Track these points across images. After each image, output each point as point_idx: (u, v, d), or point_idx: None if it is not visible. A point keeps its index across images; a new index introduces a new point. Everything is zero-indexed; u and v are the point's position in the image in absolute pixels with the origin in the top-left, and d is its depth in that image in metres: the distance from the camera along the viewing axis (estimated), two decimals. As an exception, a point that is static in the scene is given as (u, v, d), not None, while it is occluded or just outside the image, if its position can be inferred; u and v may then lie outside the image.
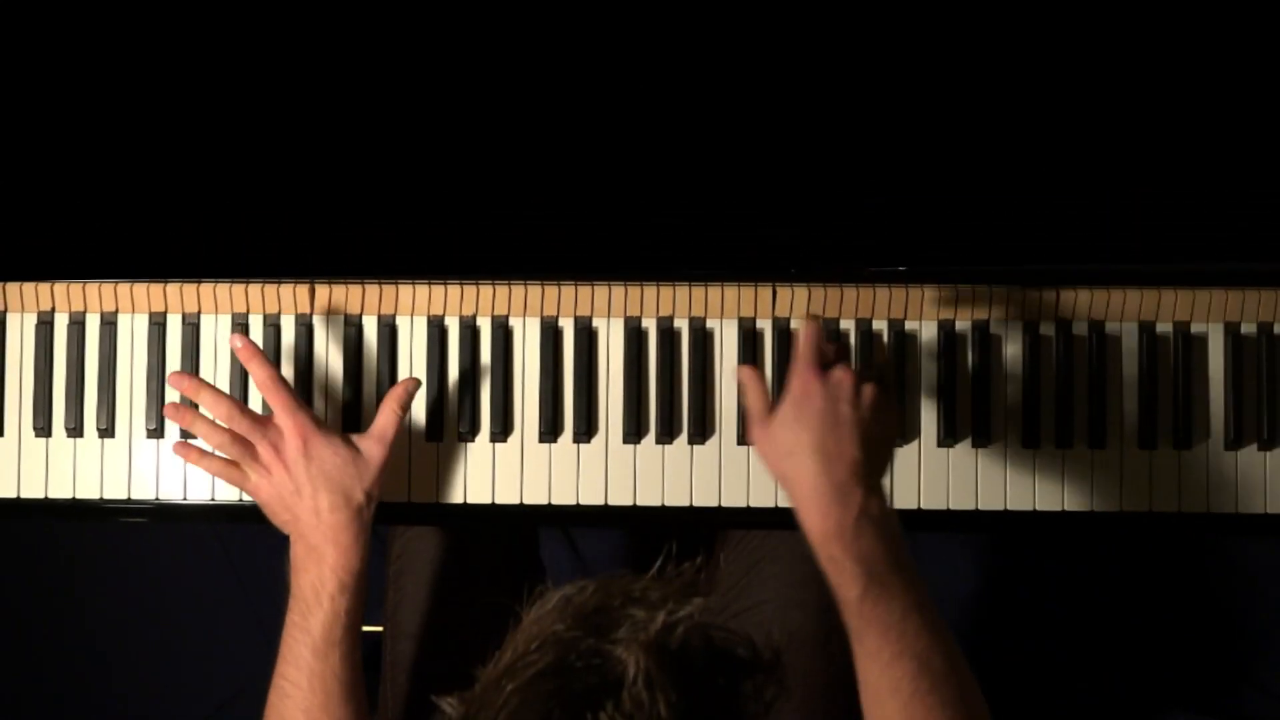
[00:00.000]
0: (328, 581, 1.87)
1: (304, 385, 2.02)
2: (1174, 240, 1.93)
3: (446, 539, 2.17)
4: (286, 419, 1.90)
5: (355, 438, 1.92)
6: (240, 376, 2.02)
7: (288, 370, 2.02)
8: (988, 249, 1.95)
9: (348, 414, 2.02)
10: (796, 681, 1.90)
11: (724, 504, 2.00)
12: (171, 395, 2.01)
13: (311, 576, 1.87)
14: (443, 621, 2.13)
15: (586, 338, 2.02)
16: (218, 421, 1.93)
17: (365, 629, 1.93)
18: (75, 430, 2.03)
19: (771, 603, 2.08)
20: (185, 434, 2.00)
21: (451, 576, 2.15)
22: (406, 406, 1.95)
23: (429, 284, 2.02)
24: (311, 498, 1.88)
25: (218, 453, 1.94)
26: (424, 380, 2.02)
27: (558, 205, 1.96)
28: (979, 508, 2.01)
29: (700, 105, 1.97)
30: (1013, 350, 2.03)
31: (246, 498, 2.00)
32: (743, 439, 2.01)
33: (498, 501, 2.02)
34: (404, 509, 2.02)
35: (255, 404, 2.02)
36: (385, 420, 1.93)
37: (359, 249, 1.98)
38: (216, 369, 2.03)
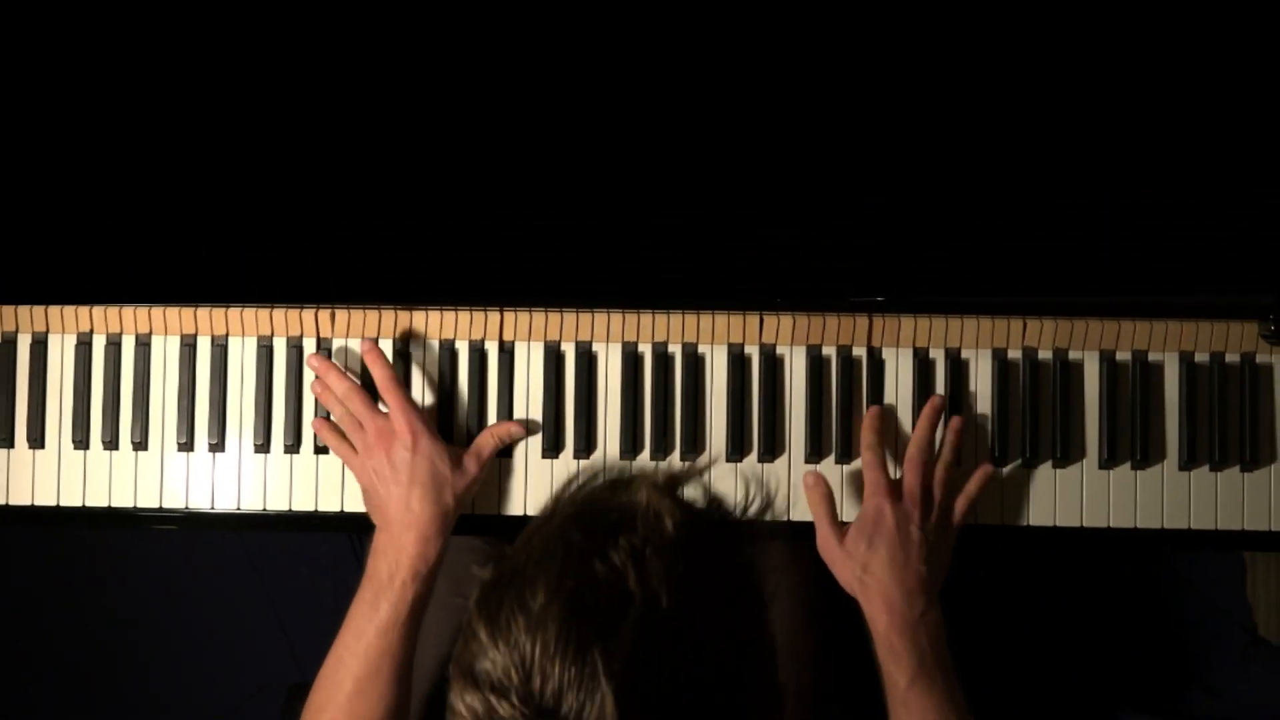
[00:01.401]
0: (404, 568, 1.97)
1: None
2: (1137, 271, 2.01)
3: None
4: (400, 416, 2.03)
5: (458, 450, 2.04)
6: (265, 392, 2.10)
7: (309, 391, 2.10)
8: (960, 281, 2.02)
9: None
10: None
11: (713, 517, 2.08)
12: (200, 413, 2.10)
13: (389, 560, 1.97)
14: (432, 635, 2.14)
15: (587, 361, 2.10)
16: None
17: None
18: (111, 443, 2.11)
19: None
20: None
21: (440, 592, 2.12)
22: (504, 440, 2.06)
23: (440, 310, 2.10)
24: (406, 488, 1.99)
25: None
26: (436, 400, 2.07)
27: (562, 239, 2.01)
28: (950, 521, 2.05)
29: (695, 143, 2.02)
30: (982, 375, 2.11)
31: (270, 507, 2.10)
32: (731, 455, 2.09)
33: (504, 513, 2.10)
34: None
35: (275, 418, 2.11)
36: (482, 440, 2.07)
37: (377, 278, 2.03)
38: (243, 388, 2.11)
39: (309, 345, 2.12)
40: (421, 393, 2.11)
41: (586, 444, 2.10)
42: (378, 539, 2.01)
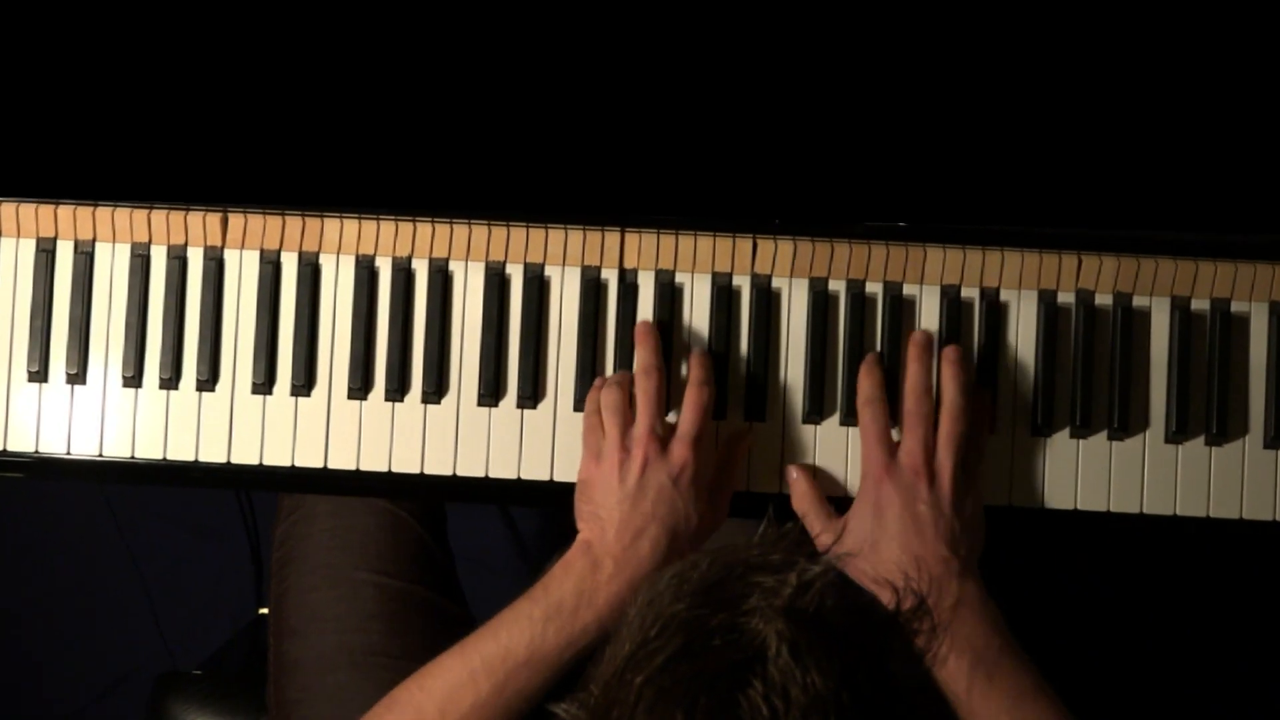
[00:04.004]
0: (596, 609, 1.90)
1: (212, 330, 2.02)
2: (1221, 201, 1.96)
3: (338, 523, 2.19)
4: (685, 444, 1.94)
5: (712, 495, 1.97)
6: (139, 312, 2.02)
7: (193, 312, 2.03)
8: (1002, 205, 1.97)
9: (258, 363, 2.01)
10: None
11: (686, 485, 2.01)
12: (57, 335, 2.02)
13: (584, 589, 1.91)
14: (331, 618, 2.14)
15: (537, 288, 2.03)
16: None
17: (264, 610, 1.99)
18: (-55, 371, 2.03)
19: None
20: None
21: (340, 566, 2.17)
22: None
23: (359, 218, 2.02)
24: (645, 521, 1.92)
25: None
26: (350, 329, 2.02)
27: (508, 132, 1.96)
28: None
29: (678, 22, 1.96)
30: (1025, 322, 2.04)
31: (140, 455, 2.03)
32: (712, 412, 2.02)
33: (427, 472, 2.03)
34: (317, 476, 2.02)
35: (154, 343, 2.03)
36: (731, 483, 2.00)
37: (280, 173, 1.97)
38: (111, 305, 2.03)
39: (194, 255, 2.05)
40: (332, 321, 2.04)
41: (533, 391, 2.03)
42: (578, 557, 1.94)
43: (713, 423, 2.00)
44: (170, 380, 2.03)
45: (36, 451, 2.04)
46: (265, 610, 2.24)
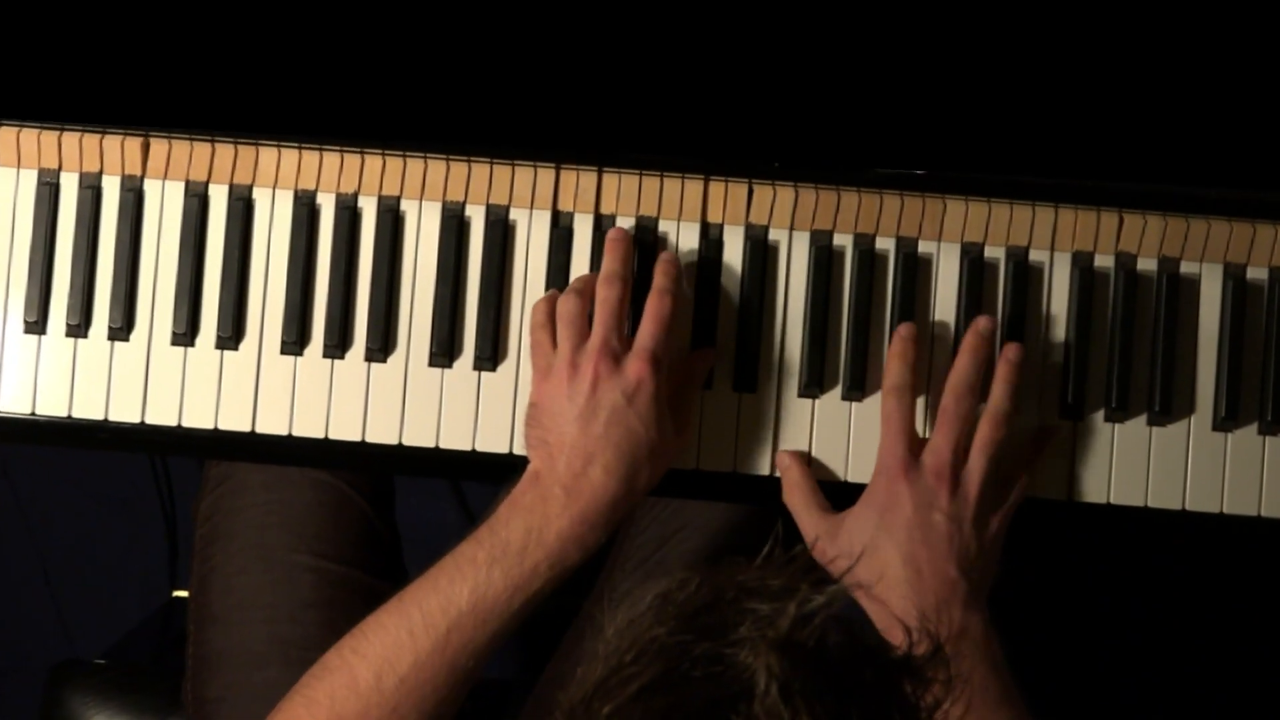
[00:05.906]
0: (547, 546, 1.86)
1: (128, 271, 1.99)
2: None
3: (273, 497, 2.15)
4: (642, 359, 1.90)
5: (674, 420, 1.94)
6: (45, 247, 1.99)
7: (106, 250, 1.99)
8: (1034, 153, 1.93)
9: (179, 310, 1.98)
10: None
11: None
12: None
13: (532, 525, 1.87)
14: (262, 606, 2.11)
15: (500, 233, 1.99)
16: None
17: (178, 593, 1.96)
18: None
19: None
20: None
21: (274, 546, 2.13)
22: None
23: (299, 148, 1.98)
24: (597, 445, 1.88)
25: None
26: (285, 275, 1.98)
27: (471, 53, 1.93)
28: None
29: None
30: (1058, 288, 2.00)
31: (41, 412, 2.00)
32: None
33: (369, 439, 1.99)
34: (244, 441, 1.98)
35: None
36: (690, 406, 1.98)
37: (209, 93, 1.94)
38: (15, 239, 2.00)
39: (110, 185, 2.00)
40: (265, 265, 2.00)
41: (493, 351, 1.98)
42: (526, 490, 1.90)
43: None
44: (79, 327, 1.99)
45: (-78, 404, 2.06)
46: (181, 593, 2.19)
